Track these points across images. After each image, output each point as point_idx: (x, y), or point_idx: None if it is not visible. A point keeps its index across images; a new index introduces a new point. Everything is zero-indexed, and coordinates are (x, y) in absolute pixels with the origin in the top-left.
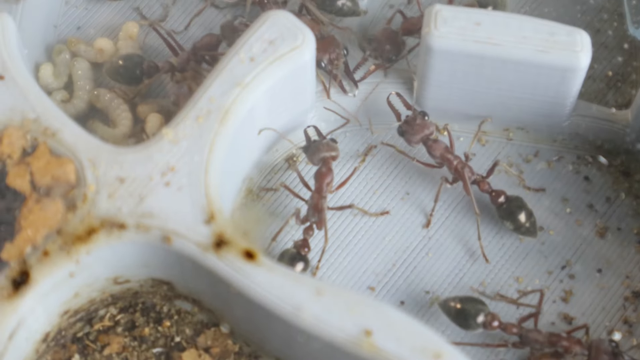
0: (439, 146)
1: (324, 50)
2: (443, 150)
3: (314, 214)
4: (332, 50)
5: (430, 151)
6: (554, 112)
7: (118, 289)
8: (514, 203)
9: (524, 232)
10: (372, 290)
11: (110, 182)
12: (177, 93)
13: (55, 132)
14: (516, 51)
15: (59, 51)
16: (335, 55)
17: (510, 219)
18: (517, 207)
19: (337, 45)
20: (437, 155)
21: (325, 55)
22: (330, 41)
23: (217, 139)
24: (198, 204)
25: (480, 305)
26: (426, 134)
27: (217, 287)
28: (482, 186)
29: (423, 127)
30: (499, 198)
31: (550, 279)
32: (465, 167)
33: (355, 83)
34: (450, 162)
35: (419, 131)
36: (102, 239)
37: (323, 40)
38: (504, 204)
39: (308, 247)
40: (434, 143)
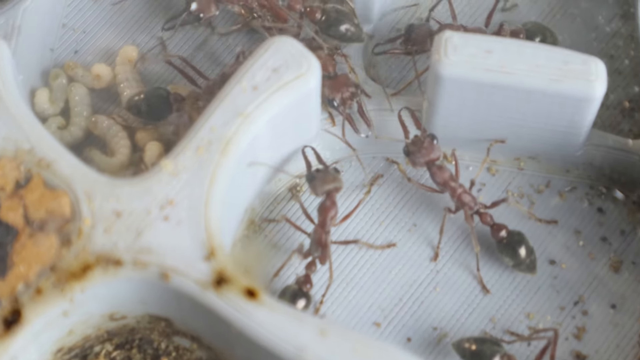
0: (443, 173)
1: (337, 89)
2: (447, 178)
3: (317, 249)
4: (345, 89)
5: (433, 177)
6: (567, 142)
7: (114, 325)
8: (515, 238)
9: (523, 269)
10: (378, 326)
11: (106, 215)
12: (177, 122)
13: (50, 163)
14: (529, 80)
15: (56, 76)
16: (348, 94)
17: (510, 255)
18: (517, 243)
19: (350, 83)
20: (440, 182)
21: (338, 94)
22: (343, 80)
23: (218, 171)
24: (198, 239)
25: (496, 346)
26: (432, 159)
27: (217, 326)
28: (484, 218)
29: (430, 150)
30: (500, 232)
31: (563, 315)
32: (468, 197)
33: (369, 123)
34: (453, 191)
35: (426, 154)
36: (98, 276)
37: (335, 79)
38: (504, 238)
39: (310, 283)
40: (438, 169)
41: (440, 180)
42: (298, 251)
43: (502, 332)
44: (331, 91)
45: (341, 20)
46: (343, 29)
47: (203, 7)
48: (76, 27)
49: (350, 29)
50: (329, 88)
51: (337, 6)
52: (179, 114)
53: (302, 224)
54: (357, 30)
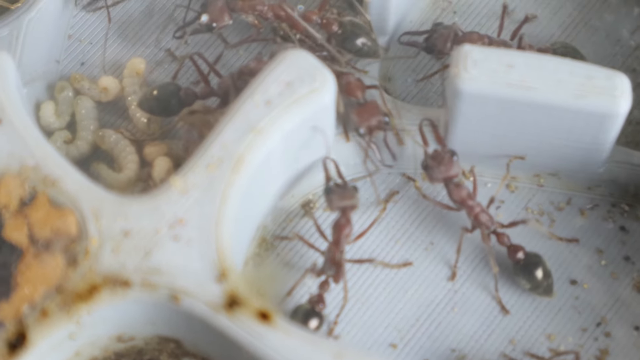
0: (460, 191)
1: (365, 117)
2: (465, 196)
3: (331, 267)
4: (374, 118)
5: (451, 195)
6: (589, 159)
7: (122, 347)
8: (532, 260)
9: (539, 293)
10: (394, 348)
11: (114, 235)
12: (187, 138)
13: (55, 180)
14: (551, 96)
15: (62, 88)
16: (376, 123)
17: (527, 278)
18: (534, 265)
19: (380, 112)
20: (457, 200)
21: (366, 122)
22: (372, 107)
23: (229, 189)
24: (209, 260)
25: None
26: (451, 175)
27: (228, 349)
28: (501, 239)
29: (449, 167)
30: (517, 254)
31: (585, 336)
32: (486, 216)
33: (394, 156)
34: (470, 209)
35: (445, 171)
36: (105, 297)
37: (364, 106)
38: (521, 260)
39: (323, 302)
40: (455, 187)
41: (457, 199)
42: (311, 270)
43: (522, 354)
44: (359, 119)
45: (358, 33)
46: (359, 43)
47: (216, 16)
48: (82, 39)
49: (367, 43)
50: (357, 115)
51: (354, 19)
52: (189, 129)
53: (316, 242)
54: (374, 45)
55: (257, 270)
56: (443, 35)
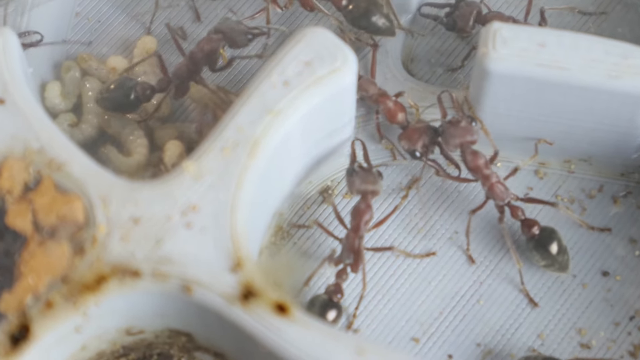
0: (477, 159)
1: (415, 139)
2: (482, 164)
3: (349, 255)
4: (424, 136)
5: (466, 161)
6: (623, 144)
7: (131, 340)
8: (547, 234)
9: (555, 269)
10: (417, 342)
11: (123, 222)
12: (201, 121)
13: (61, 164)
14: (584, 76)
15: (68, 68)
16: (429, 140)
17: (541, 253)
18: (549, 240)
19: (429, 130)
20: (473, 167)
21: (418, 143)
22: (418, 127)
23: (245, 174)
24: (223, 249)
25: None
26: (467, 140)
27: (243, 343)
28: (515, 212)
29: (466, 131)
30: (532, 229)
31: (617, 331)
32: (501, 187)
33: (457, 165)
34: (486, 179)
35: (461, 134)
36: (114, 288)
37: (412, 128)
38: (535, 235)
39: (341, 292)
40: (472, 154)
41: (473, 166)
42: (329, 258)
43: (552, 349)
44: (410, 142)
45: (371, 10)
46: (374, 19)
47: None
48: (90, 16)
49: (381, 19)
50: (407, 140)
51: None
52: (203, 111)
53: (334, 231)
54: (390, 22)
55: (273, 259)
56: (465, 12)
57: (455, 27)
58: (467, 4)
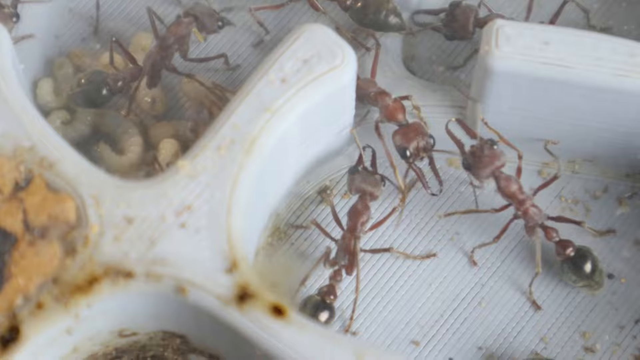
0: (511, 184)
1: (410, 138)
2: (516, 190)
3: (344, 257)
4: (420, 138)
5: (500, 187)
6: (628, 144)
7: (124, 342)
8: (582, 255)
9: (593, 288)
10: (417, 345)
11: (116, 222)
12: (196, 119)
13: (53, 163)
14: (590, 75)
15: (61, 65)
16: (423, 143)
17: (579, 274)
18: (585, 260)
19: (425, 133)
20: (508, 193)
21: (412, 143)
22: (416, 128)
23: (241, 173)
24: (218, 250)
25: None
26: (497, 166)
27: (239, 346)
28: (549, 233)
29: (493, 158)
30: (567, 250)
31: (622, 334)
32: (535, 210)
33: (440, 181)
34: (521, 204)
35: (489, 163)
36: (106, 289)
37: (408, 127)
38: (571, 257)
39: (334, 294)
40: (506, 180)
41: (508, 193)
42: (325, 257)
43: (555, 353)
44: (404, 140)
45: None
46: (385, 16)
47: None
48: (84, 12)
49: (391, 15)
50: (402, 136)
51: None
52: (198, 109)
53: (332, 232)
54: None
55: (270, 261)
56: (462, 20)
57: (456, 37)
58: (463, 11)
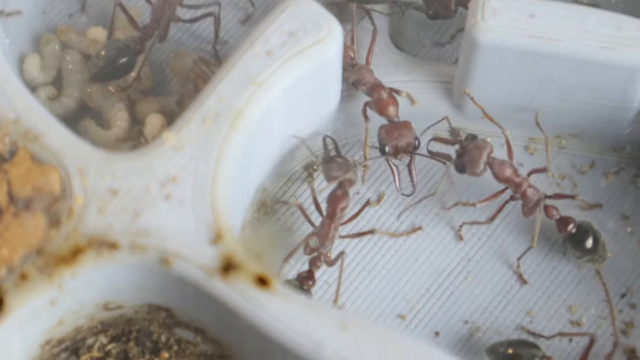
0: (505, 168)
1: (394, 135)
2: (511, 174)
3: (323, 244)
4: (403, 138)
5: (495, 175)
6: (615, 118)
7: (109, 316)
8: (584, 229)
9: (597, 262)
10: (403, 319)
11: (100, 194)
12: (181, 91)
13: (38, 135)
14: (577, 47)
15: (47, 41)
16: (404, 144)
17: (581, 249)
18: (587, 235)
19: (412, 134)
20: (503, 178)
21: (393, 142)
22: (404, 127)
23: (226, 145)
24: (203, 221)
25: (534, 349)
26: (487, 155)
27: (224, 318)
28: (549, 211)
29: (480, 150)
30: (568, 226)
31: (609, 308)
32: (533, 190)
33: (414, 182)
34: (518, 186)
35: (479, 157)
36: (90, 260)
37: (396, 125)
38: (573, 233)
39: (313, 280)
40: (499, 166)
41: (503, 178)
42: (305, 242)
43: (541, 327)
44: (386, 136)
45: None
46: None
47: None
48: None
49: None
50: (386, 132)
51: None
52: (184, 82)
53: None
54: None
55: (256, 234)
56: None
57: (439, 16)
58: None
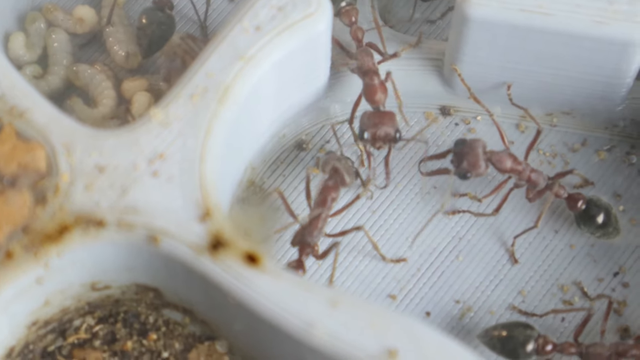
0: (505, 157)
1: (375, 123)
2: (512, 164)
3: (311, 234)
4: (384, 128)
5: (500, 167)
6: (607, 94)
7: (96, 296)
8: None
9: (611, 236)
10: (394, 299)
11: (87, 171)
12: (169, 67)
13: (23, 111)
14: (569, 22)
15: (33, 19)
16: (383, 134)
17: (594, 225)
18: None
19: (394, 125)
20: (504, 170)
21: (373, 129)
22: (387, 117)
23: (215, 121)
24: (191, 198)
25: (529, 329)
26: (483, 152)
27: (212, 297)
28: (557, 192)
29: (474, 150)
30: (578, 203)
31: (601, 287)
32: (537, 175)
33: (389, 177)
34: (521, 174)
35: (476, 158)
36: (77, 238)
37: (380, 113)
38: (583, 209)
39: (303, 268)
40: (499, 157)
41: (504, 169)
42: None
43: (533, 306)
44: (368, 123)
45: None
46: None
47: None
48: None
49: None
50: (368, 119)
51: None
52: (171, 58)
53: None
54: None
55: (245, 212)
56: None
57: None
58: None
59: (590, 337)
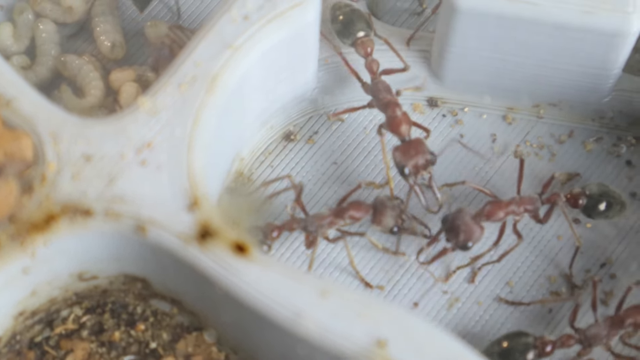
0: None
1: (410, 155)
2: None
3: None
4: (421, 156)
5: (494, 220)
6: (595, 86)
7: (83, 287)
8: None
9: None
10: (381, 290)
11: (74, 160)
12: (157, 56)
13: (9, 100)
14: (556, 12)
15: (21, 10)
16: (423, 162)
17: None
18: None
19: (426, 150)
20: (502, 217)
21: (411, 160)
22: (417, 145)
23: (203, 111)
24: (179, 187)
25: (524, 337)
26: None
27: (200, 287)
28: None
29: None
30: (579, 200)
31: (588, 278)
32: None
33: (438, 199)
34: (517, 213)
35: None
36: (64, 227)
37: (410, 143)
38: (585, 204)
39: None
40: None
41: (500, 218)
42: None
43: (520, 297)
44: (403, 157)
45: None
46: None
47: None
48: None
49: None
50: (401, 153)
51: None
52: (159, 47)
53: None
54: None
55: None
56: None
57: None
58: None
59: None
